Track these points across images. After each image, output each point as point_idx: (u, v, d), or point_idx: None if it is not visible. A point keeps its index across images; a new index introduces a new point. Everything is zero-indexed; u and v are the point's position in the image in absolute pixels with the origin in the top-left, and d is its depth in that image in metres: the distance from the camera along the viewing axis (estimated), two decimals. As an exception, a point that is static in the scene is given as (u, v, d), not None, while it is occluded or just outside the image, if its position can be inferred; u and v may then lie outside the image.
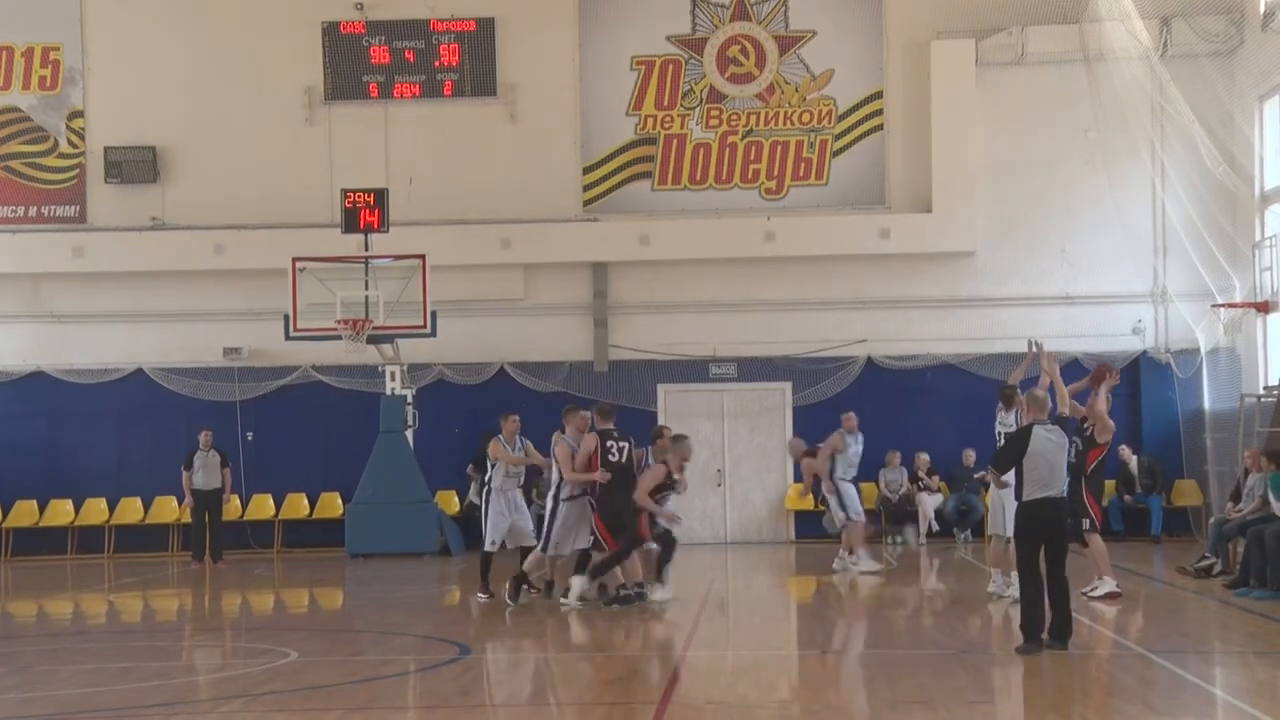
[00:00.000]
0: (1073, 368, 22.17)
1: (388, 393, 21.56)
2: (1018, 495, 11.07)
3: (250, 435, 22.64)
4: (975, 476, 21.51)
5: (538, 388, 23.01)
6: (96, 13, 23.51)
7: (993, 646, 11.76)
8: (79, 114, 23.49)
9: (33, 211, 23.45)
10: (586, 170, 23.25)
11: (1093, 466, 14.10)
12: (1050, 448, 11.04)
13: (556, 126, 23.21)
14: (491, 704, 9.59)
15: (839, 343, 22.87)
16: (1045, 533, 10.99)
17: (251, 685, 10.73)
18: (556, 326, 23.19)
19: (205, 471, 20.87)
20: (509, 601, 14.37)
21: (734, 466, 22.95)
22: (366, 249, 20.86)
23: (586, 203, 23.26)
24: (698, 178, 23.23)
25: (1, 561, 22.47)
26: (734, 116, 23.17)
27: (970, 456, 21.61)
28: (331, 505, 22.70)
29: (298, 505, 22.87)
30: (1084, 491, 13.93)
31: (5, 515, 22.89)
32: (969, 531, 21.78)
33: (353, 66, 23.27)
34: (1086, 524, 14.05)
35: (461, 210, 22.96)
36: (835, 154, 23.04)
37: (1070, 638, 10.91)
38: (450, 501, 22.53)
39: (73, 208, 23.48)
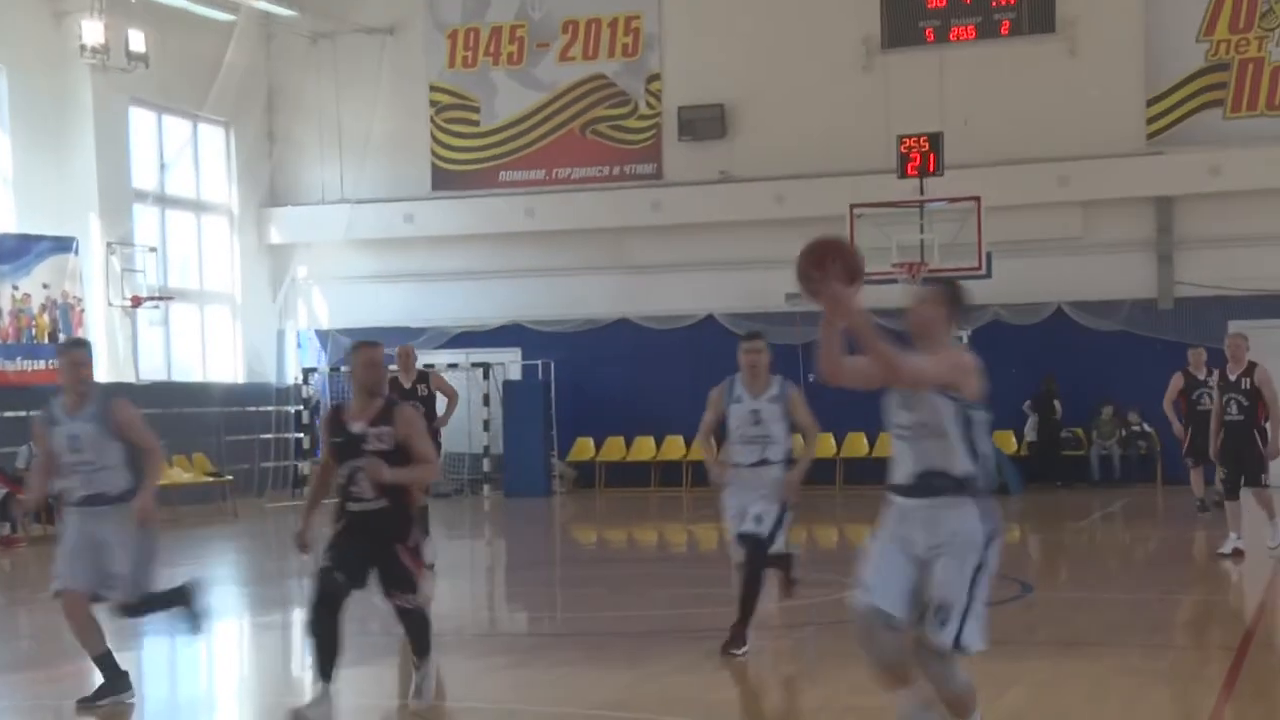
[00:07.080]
0: None
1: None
2: None
3: (811, 378, 23.55)
4: None
5: (1097, 326, 22.54)
6: (676, -20, 25.00)
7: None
8: (656, 77, 25.19)
9: (616, 170, 25.46)
10: (1150, 102, 22.38)
11: None
12: None
13: (1118, 59, 22.47)
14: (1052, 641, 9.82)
15: None
16: None
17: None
18: (1116, 264, 22.57)
19: None
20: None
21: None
22: (921, 193, 21.18)
23: (1150, 135, 22.42)
24: (1277, 103, 21.81)
25: (597, 490, 24.76)
26: (1317, 34, 21.55)
27: None
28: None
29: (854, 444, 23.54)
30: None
31: (597, 451, 25.18)
32: None
33: (909, 13, 23.52)
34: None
35: (1017, 150, 22.75)
36: None
37: None
38: (1008, 441, 22.58)
39: (650, 165, 25.27)
